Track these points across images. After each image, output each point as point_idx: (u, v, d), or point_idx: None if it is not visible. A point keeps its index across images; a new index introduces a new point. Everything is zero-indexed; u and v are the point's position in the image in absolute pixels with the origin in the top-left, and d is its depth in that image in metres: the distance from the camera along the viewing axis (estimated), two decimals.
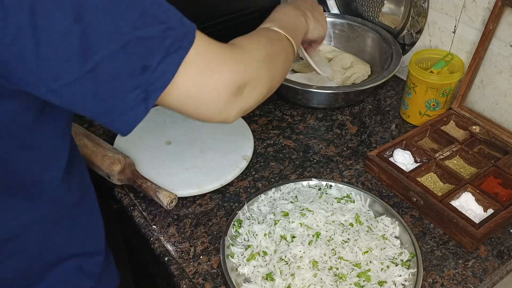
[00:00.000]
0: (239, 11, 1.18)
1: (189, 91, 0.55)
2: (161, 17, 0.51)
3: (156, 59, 0.50)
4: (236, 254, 0.75)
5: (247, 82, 0.61)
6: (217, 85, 0.57)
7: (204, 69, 0.55)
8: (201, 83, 0.55)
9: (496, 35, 0.94)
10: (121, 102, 0.50)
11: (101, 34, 0.46)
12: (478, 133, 0.95)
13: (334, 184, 0.86)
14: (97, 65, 0.47)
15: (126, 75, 0.49)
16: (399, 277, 0.72)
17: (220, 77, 0.57)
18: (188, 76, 0.54)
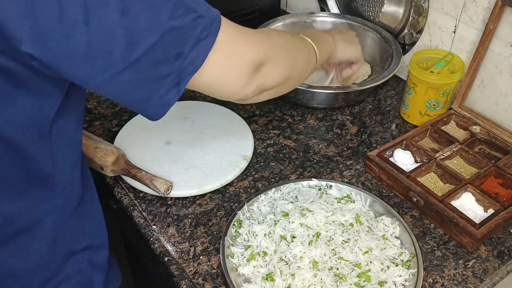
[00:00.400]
0: (239, 11, 1.18)
1: (216, 73, 0.59)
2: (192, 7, 0.53)
3: (189, 46, 0.53)
4: (236, 254, 0.75)
5: (266, 60, 0.64)
6: (240, 65, 0.61)
7: (229, 51, 0.59)
8: (227, 64, 0.59)
9: (497, 35, 0.94)
10: (158, 88, 0.54)
11: (144, 26, 0.49)
12: (479, 133, 0.95)
13: (334, 184, 0.86)
14: (140, 56, 0.50)
15: (163, 63, 0.52)
16: (399, 277, 0.72)
17: (242, 57, 0.61)
18: (216, 59, 0.57)
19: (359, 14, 1.22)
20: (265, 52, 0.64)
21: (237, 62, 0.61)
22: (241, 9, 1.18)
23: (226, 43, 0.58)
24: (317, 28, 1.23)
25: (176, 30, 0.51)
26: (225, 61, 0.59)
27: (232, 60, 0.60)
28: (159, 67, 0.52)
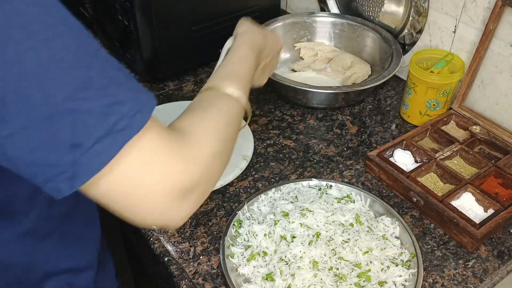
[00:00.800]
0: (239, 11, 1.18)
1: (124, 184, 0.46)
2: (110, 89, 0.44)
3: (92, 137, 0.42)
4: (236, 254, 0.75)
5: (197, 184, 0.52)
6: (158, 186, 0.48)
7: (147, 162, 0.47)
8: (140, 178, 0.47)
9: (497, 35, 0.94)
10: (42, 174, 0.43)
11: (22, 103, 0.40)
12: (479, 133, 0.95)
13: (334, 184, 0.86)
14: (14, 133, 0.41)
15: (50, 150, 0.42)
16: (399, 277, 0.72)
17: (163, 178, 0.48)
18: (126, 166, 0.45)
19: (359, 14, 1.22)
20: (196, 174, 0.51)
21: (155, 180, 0.47)
22: (241, 9, 1.18)
23: (145, 149, 0.46)
24: (317, 28, 1.23)
25: (74, 114, 0.41)
26: (138, 172, 0.46)
27: (148, 175, 0.47)
28: (43, 153, 0.42)
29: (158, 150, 0.48)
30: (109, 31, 1.18)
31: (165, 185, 0.48)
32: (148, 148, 0.47)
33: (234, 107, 0.65)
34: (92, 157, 0.43)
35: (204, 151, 0.54)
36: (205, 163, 0.53)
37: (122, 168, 0.45)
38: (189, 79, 1.17)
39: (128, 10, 1.03)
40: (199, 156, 0.53)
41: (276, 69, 1.19)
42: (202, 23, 1.12)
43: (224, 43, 0.87)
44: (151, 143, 0.47)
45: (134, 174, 0.46)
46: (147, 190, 0.47)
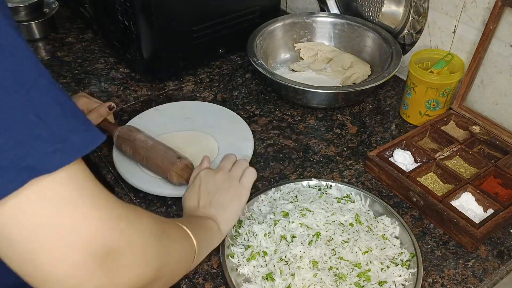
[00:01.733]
0: (239, 11, 1.18)
1: (21, 230, 0.40)
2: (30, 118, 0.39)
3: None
4: (236, 254, 0.75)
5: (125, 249, 0.44)
6: (68, 238, 0.41)
7: (60, 207, 0.40)
8: (44, 224, 0.40)
9: (496, 35, 0.94)
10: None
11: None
12: (478, 133, 0.95)
13: (334, 184, 0.86)
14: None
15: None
16: (399, 277, 0.72)
17: (76, 229, 0.41)
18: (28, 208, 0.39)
19: (359, 14, 1.22)
20: (126, 234, 0.45)
21: (65, 234, 0.41)
22: (241, 9, 1.18)
23: (54, 201, 0.40)
24: (317, 28, 1.23)
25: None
26: (45, 224, 0.40)
27: (58, 228, 0.40)
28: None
29: (70, 200, 0.41)
30: (109, 31, 1.18)
31: (69, 242, 0.41)
32: (57, 195, 0.40)
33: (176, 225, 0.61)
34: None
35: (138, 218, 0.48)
36: (138, 229, 0.47)
37: (18, 209, 0.39)
38: (189, 79, 1.17)
39: (128, 10, 1.03)
40: (133, 220, 0.46)
41: (276, 69, 1.19)
42: (202, 23, 1.12)
43: (224, 43, 0.87)
44: (63, 190, 0.41)
45: (32, 221, 0.40)
46: (44, 244, 0.40)
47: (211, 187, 0.75)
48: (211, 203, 0.74)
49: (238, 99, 1.11)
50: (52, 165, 0.39)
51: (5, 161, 0.38)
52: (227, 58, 1.24)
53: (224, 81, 1.17)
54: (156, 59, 1.10)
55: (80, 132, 0.42)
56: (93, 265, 0.42)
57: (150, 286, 0.50)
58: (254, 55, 1.08)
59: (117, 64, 1.21)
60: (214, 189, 0.75)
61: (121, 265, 0.44)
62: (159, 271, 0.50)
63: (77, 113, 0.42)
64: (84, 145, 0.41)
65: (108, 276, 0.43)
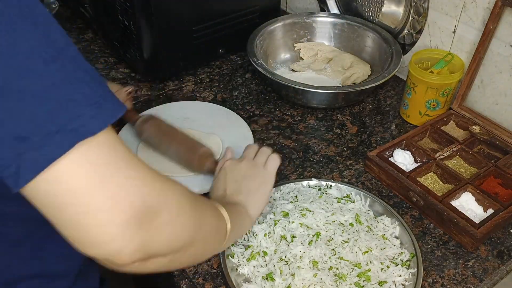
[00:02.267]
0: (239, 11, 1.18)
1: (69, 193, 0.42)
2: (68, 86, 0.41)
3: (41, 132, 0.40)
4: (236, 254, 0.75)
5: (162, 208, 0.46)
6: (106, 204, 0.42)
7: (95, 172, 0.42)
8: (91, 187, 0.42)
9: (496, 35, 0.94)
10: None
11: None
12: (478, 133, 0.95)
13: (334, 184, 0.86)
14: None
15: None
16: (399, 277, 0.72)
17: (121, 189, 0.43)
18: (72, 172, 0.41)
19: (359, 14, 1.22)
20: (161, 196, 0.47)
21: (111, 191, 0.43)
22: (241, 9, 1.18)
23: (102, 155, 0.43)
24: (317, 28, 1.23)
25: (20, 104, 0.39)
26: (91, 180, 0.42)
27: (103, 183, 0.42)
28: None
29: (113, 162, 0.43)
30: (109, 31, 1.18)
31: (115, 203, 0.43)
32: (101, 158, 0.42)
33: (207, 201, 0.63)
34: (37, 154, 0.40)
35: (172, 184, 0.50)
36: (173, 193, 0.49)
37: (66, 172, 0.41)
38: (189, 79, 1.17)
39: (128, 10, 1.03)
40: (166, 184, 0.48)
41: (276, 69, 1.19)
42: (202, 23, 1.12)
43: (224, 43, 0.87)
44: (105, 153, 0.43)
45: (78, 183, 0.41)
46: (89, 206, 0.42)
47: (237, 175, 0.77)
48: (238, 191, 0.75)
49: (238, 99, 1.11)
50: (93, 128, 0.41)
51: (50, 127, 0.40)
52: (227, 58, 1.24)
53: (224, 81, 1.17)
54: (156, 59, 1.10)
55: (109, 98, 0.44)
56: (135, 225, 0.43)
57: (186, 250, 0.52)
58: (254, 55, 1.08)
59: (117, 64, 1.21)
60: (240, 177, 0.76)
61: (159, 223, 0.46)
62: (194, 232, 0.52)
63: (102, 81, 0.45)
64: (115, 111, 0.44)
65: (148, 235, 0.45)
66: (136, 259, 0.45)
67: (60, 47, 0.42)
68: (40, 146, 0.40)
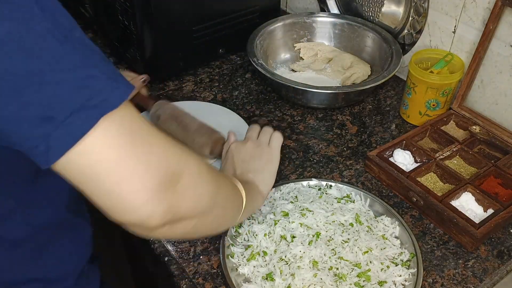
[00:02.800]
0: (239, 11, 1.18)
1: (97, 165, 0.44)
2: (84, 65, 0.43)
3: (65, 111, 0.41)
4: (236, 254, 0.75)
5: (184, 172, 0.49)
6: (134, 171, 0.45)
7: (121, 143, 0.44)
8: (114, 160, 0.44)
9: (496, 35, 0.94)
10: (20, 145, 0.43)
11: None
12: (478, 133, 0.95)
13: (334, 184, 0.86)
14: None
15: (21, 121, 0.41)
16: (399, 277, 0.72)
17: (148, 157, 0.46)
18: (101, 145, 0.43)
19: (359, 14, 1.22)
20: (182, 162, 0.50)
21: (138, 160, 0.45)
22: (241, 9, 1.18)
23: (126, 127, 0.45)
24: (317, 28, 1.23)
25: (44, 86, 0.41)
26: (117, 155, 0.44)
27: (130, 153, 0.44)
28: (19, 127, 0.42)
29: (137, 132, 0.46)
30: (109, 31, 1.18)
31: (151, 165, 0.46)
32: (125, 129, 0.45)
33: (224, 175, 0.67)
34: (64, 132, 0.41)
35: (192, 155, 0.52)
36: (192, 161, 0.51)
37: (96, 146, 0.43)
38: (189, 79, 1.17)
39: (128, 10, 1.03)
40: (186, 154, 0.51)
41: (276, 69, 1.19)
42: (202, 23, 1.12)
43: (224, 43, 0.87)
44: (128, 125, 0.45)
45: (108, 155, 0.44)
46: (121, 174, 0.44)
47: (244, 156, 0.80)
48: (247, 170, 0.78)
49: (238, 99, 1.11)
50: (115, 102, 0.43)
51: (73, 105, 0.41)
52: (227, 58, 1.24)
53: (224, 81, 1.17)
54: (156, 59, 1.10)
55: (120, 75, 0.45)
56: (162, 189, 0.46)
57: (208, 215, 0.55)
58: (254, 55, 1.08)
59: (117, 64, 1.21)
60: (247, 157, 0.80)
61: (183, 186, 0.49)
62: (215, 196, 0.56)
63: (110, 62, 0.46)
64: (128, 85, 0.45)
65: (174, 198, 0.48)
66: (166, 221, 0.48)
67: (68, 28, 0.44)
68: (66, 125, 0.41)
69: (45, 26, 0.41)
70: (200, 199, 0.53)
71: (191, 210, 0.52)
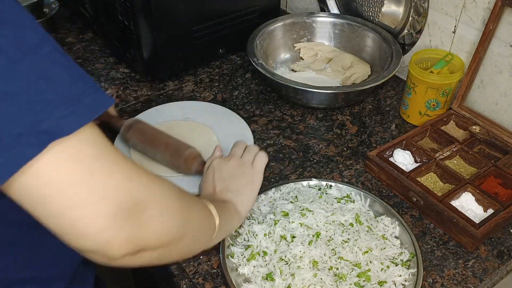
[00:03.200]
0: (239, 11, 1.18)
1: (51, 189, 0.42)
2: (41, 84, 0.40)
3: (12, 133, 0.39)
4: (236, 254, 0.75)
5: (149, 202, 0.47)
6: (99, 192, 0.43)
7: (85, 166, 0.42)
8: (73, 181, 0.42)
9: (496, 35, 0.94)
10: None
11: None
12: (478, 133, 0.95)
13: (334, 184, 0.86)
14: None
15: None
16: (399, 277, 0.72)
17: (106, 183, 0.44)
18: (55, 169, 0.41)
19: (359, 14, 1.22)
20: (149, 190, 0.48)
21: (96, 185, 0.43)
22: (241, 9, 1.18)
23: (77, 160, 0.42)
24: (317, 28, 1.23)
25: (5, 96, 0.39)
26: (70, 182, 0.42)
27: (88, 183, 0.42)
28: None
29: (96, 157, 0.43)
30: (109, 31, 1.18)
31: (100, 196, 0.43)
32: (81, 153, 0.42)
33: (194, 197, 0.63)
34: (10, 155, 0.39)
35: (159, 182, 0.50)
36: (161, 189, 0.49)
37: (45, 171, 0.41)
38: (189, 79, 1.17)
39: (128, 10, 1.03)
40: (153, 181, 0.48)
41: (276, 69, 1.19)
42: (202, 23, 1.12)
43: (224, 43, 0.86)
44: (86, 149, 0.43)
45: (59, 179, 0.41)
46: (73, 200, 0.42)
47: (225, 173, 0.78)
48: (227, 189, 0.76)
49: (238, 99, 1.11)
50: (69, 127, 0.41)
51: (21, 128, 0.39)
52: (227, 58, 1.24)
53: (224, 81, 1.17)
54: (156, 59, 1.10)
55: (90, 94, 0.43)
56: (122, 217, 0.44)
57: (175, 244, 0.53)
58: (254, 55, 1.08)
59: (117, 64, 1.21)
60: (228, 176, 0.77)
61: (147, 216, 0.47)
62: (183, 227, 0.54)
63: (84, 76, 0.44)
64: (96, 107, 0.43)
65: (136, 228, 0.46)
66: (126, 252, 0.46)
67: (33, 43, 0.41)
68: (12, 147, 0.39)
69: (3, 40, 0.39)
70: (167, 231, 0.51)
71: (156, 241, 0.50)
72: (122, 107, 1.08)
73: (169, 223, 0.51)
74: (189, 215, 0.56)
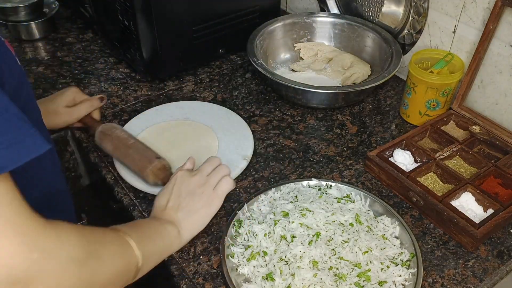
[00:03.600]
0: (239, 11, 1.18)
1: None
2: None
3: None
4: (236, 254, 0.75)
5: (37, 278, 0.43)
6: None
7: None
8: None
9: (496, 35, 0.94)
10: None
11: None
12: (478, 133, 0.95)
13: (334, 184, 0.86)
14: None
15: None
16: (399, 277, 0.72)
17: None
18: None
19: (359, 14, 1.22)
20: (32, 269, 0.43)
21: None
22: (241, 9, 1.18)
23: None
24: (317, 28, 1.23)
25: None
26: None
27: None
28: None
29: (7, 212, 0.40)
30: (109, 31, 1.18)
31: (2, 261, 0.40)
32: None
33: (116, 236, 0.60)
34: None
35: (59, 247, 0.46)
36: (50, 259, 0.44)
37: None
38: (189, 79, 1.17)
39: (128, 10, 1.03)
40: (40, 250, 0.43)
41: (276, 69, 1.19)
42: (202, 23, 1.12)
43: (224, 43, 0.86)
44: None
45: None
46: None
47: (184, 189, 0.76)
48: (179, 207, 0.74)
49: (238, 99, 1.11)
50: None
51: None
52: (227, 58, 1.24)
53: (224, 81, 1.17)
54: (156, 59, 1.10)
55: (13, 146, 0.40)
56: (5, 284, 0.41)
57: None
58: (254, 55, 1.08)
59: (117, 64, 1.21)
60: (186, 192, 0.76)
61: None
62: (86, 286, 0.50)
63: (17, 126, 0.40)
64: (13, 159, 0.39)
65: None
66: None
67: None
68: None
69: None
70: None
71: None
72: (122, 107, 1.08)
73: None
74: (93, 280, 0.52)
